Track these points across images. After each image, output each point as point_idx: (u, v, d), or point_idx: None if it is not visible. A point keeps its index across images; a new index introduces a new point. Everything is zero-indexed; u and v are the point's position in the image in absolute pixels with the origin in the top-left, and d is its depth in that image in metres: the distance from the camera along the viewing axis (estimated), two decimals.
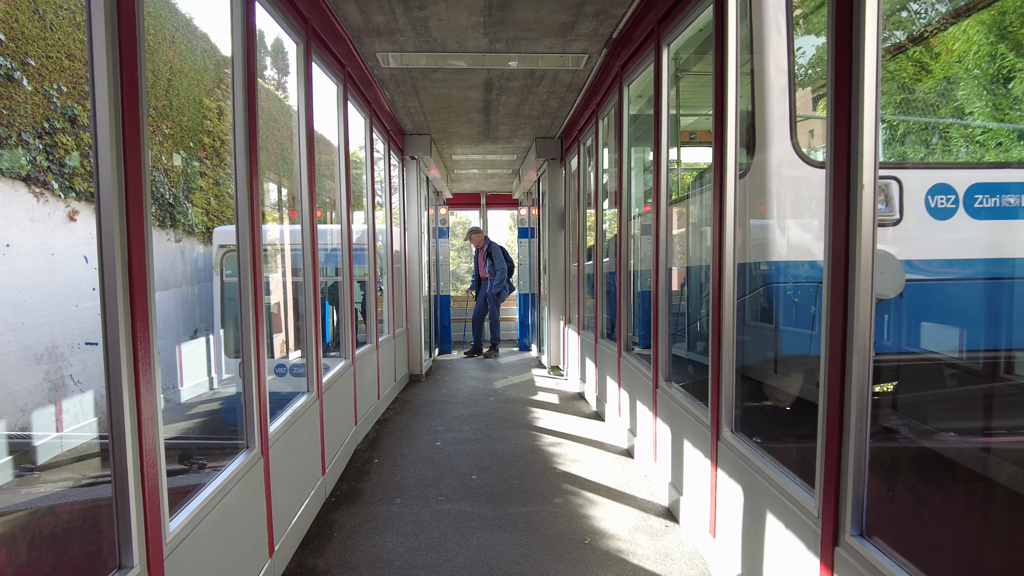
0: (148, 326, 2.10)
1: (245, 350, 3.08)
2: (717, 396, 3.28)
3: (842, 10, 2.13)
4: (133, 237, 2.01)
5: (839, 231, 2.16)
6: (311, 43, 4.28)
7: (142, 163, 2.08)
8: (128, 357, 2.00)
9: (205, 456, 4.27)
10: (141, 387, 2.05)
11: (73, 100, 7.24)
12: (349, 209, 5.26)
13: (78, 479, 3.41)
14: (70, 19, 7.25)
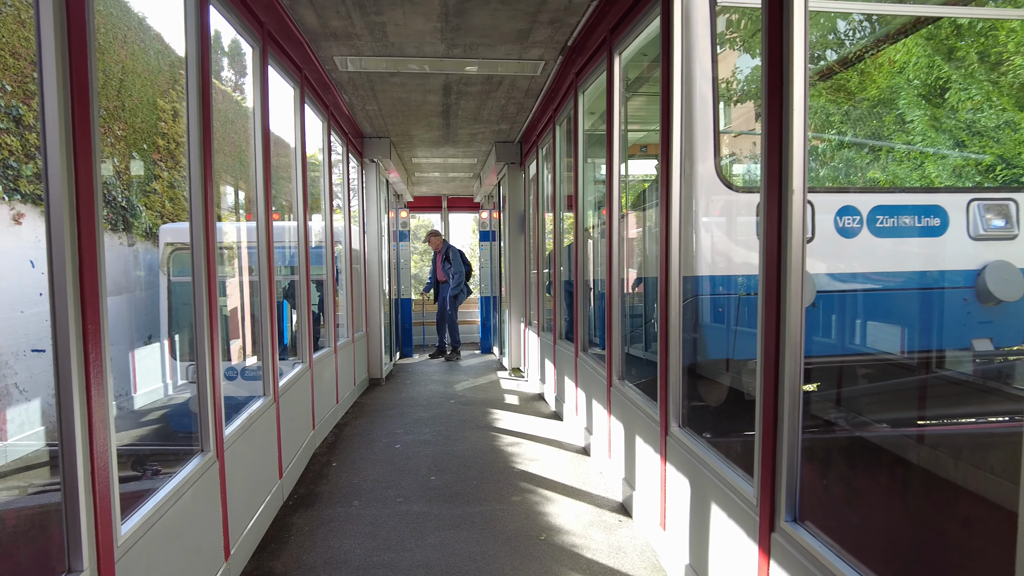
0: (100, 330, 2.10)
1: (199, 352, 3.08)
2: (665, 393, 3.40)
3: (773, 49, 2.27)
4: (84, 241, 2.02)
5: (772, 247, 2.29)
6: (267, 46, 4.28)
7: (93, 165, 2.08)
8: (79, 362, 2.00)
9: (159, 462, 4.22)
10: (92, 391, 2.05)
11: (18, 99, 7.04)
12: (306, 212, 5.26)
13: (25, 487, 3.35)
14: (14, 16, 7.05)
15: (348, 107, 7.11)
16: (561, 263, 6.82)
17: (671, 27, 3.40)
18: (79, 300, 2.01)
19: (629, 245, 5.04)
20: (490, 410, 6.97)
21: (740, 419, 4.11)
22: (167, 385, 7.96)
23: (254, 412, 3.85)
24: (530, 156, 8.40)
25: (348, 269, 7.39)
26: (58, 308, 1.97)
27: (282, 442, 4.40)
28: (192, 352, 6.59)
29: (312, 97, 5.72)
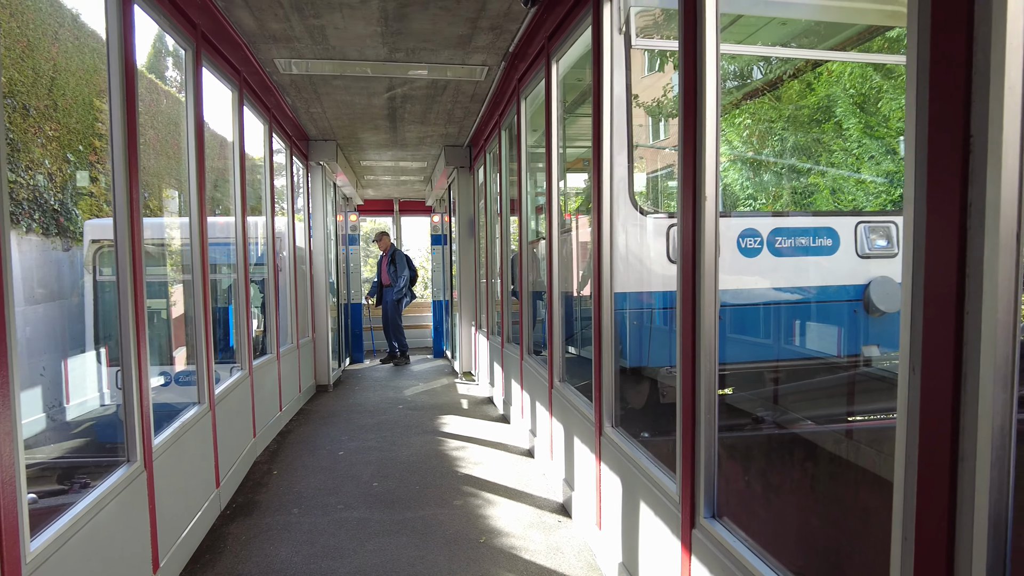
0: (6, 340, 2.04)
1: (124, 357, 3.00)
2: (599, 394, 3.47)
3: (688, 92, 2.35)
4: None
5: (688, 263, 2.37)
6: (201, 48, 4.20)
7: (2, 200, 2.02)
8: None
9: (89, 475, 4.09)
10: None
11: None
12: (244, 214, 5.17)
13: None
14: None
15: (292, 110, 7.01)
16: (507, 267, 6.86)
17: (601, 34, 3.48)
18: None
19: (582, 248, 5.19)
20: (438, 415, 6.96)
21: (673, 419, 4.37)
22: (104, 394, 7.67)
23: (187, 420, 3.76)
24: (479, 160, 8.43)
25: (292, 272, 7.28)
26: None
27: (219, 451, 4.31)
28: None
29: (252, 99, 5.63)
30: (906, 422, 1.39)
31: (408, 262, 11.02)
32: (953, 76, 1.26)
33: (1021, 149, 1.19)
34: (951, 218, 1.27)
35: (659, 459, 2.94)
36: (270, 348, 6.17)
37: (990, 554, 1.24)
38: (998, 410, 1.22)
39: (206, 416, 4.09)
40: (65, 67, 9.20)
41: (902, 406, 1.40)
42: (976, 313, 1.23)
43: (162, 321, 7.02)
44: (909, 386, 1.38)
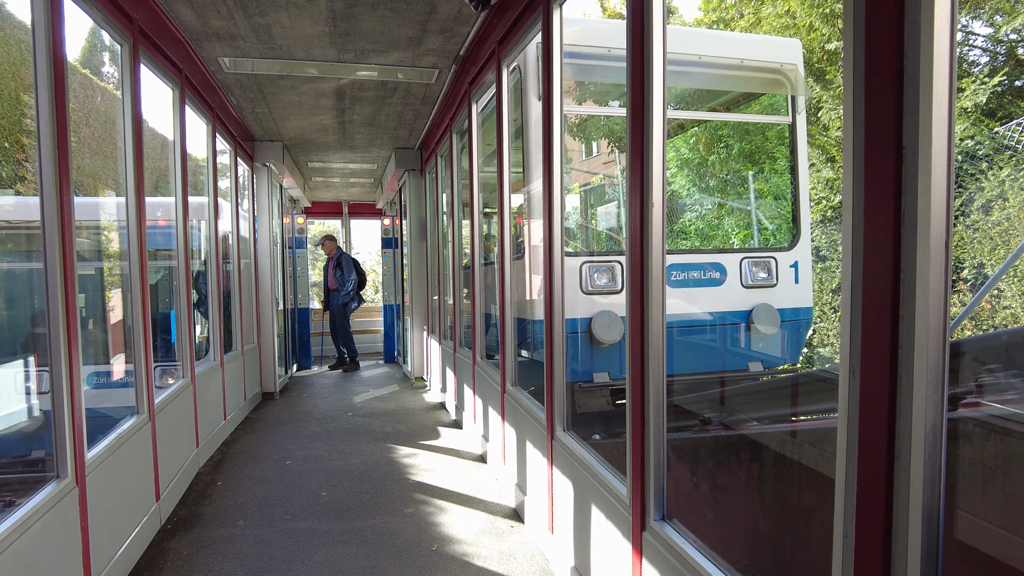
0: None
1: (54, 361, 2.85)
2: (551, 397, 3.48)
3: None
4: None
5: (636, 279, 2.40)
6: (139, 44, 4.04)
7: None
8: None
9: (12, 492, 3.87)
10: None
11: None
12: (186, 217, 5.00)
13: None
14: None
15: (236, 110, 6.82)
16: (459, 271, 6.83)
17: (551, 39, 3.49)
18: None
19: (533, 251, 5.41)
20: (389, 421, 6.87)
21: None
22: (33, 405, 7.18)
23: (124, 432, 3.60)
24: (430, 162, 8.37)
25: (236, 276, 7.07)
26: None
27: (159, 462, 4.14)
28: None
29: (194, 98, 5.44)
30: (846, 423, 1.43)
31: (356, 266, 10.85)
32: (885, 90, 1.31)
33: (948, 160, 1.25)
34: (886, 226, 1.32)
35: (609, 462, 2.96)
36: (214, 355, 5.97)
37: (924, 549, 1.29)
38: (930, 410, 1.27)
39: (145, 426, 3.93)
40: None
41: (843, 408, 1.45)
42: (910, 317, 1.28)
43: (97, 322, 6.66)
44: (849, 389, 1.42)
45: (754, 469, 3.37)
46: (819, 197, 10.52)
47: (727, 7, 13.94)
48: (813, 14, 10.28)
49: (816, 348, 9.97)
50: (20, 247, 6.38)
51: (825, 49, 10.43)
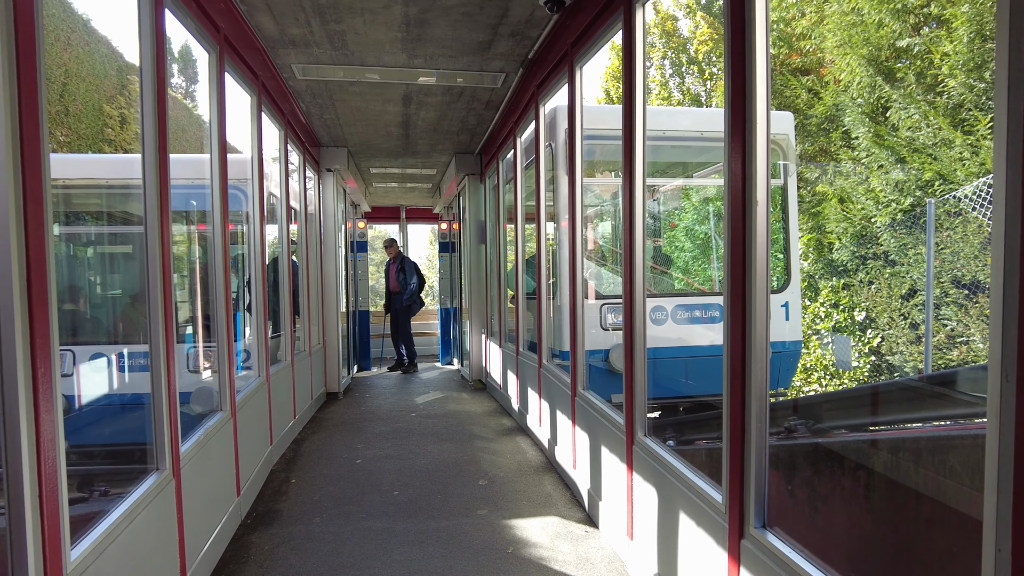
0: (49, 344, 2.00)
1: (154, 360, 2.95)
2: (631, 401, 3.43)
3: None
4: (32, 245, 1.92)
5: (738, 261, 2.34)
6: (224, 52, 4.18)
7: (42, 166, 1.99)
8: (27, 378, 1.89)
9: (107, 482, 4.03)
10: (41, 409, 1.94)
11: None
12: (263, 220, 5.13)
13: None
14: None
15: (305, 116, 7.00)
16: (524, 275, 6.83)
17: (633, 42, 3.46)
18: (27, 312, 1.91)
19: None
20: (452, 423, 6.91)
21: (705, 426, 5.41)
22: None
23: (211, 428, 3.71)
24: (491, 167, 8.41)
25: (305, 280, 7.24)
26: (3, 319, 1.87)
27: (240, 458, 4.26)
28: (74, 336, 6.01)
29: (269, 105, 5.60)
30: (998, 431, 1.35)
31: (416, 269, 10.99)
32: None
33: None
34: None
35: (698, 467, 2.89)
36: (285, 355, 6.12)
37: None
38: None
39: (228, 423, 4.04)
40: (76, 73, 9.18)
41: (993, 415, 1.37)
42: None
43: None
44: (1002, 395, 1.34)
45: (859, 478, 3.25)
46: (888, 200, 10.14)
47: (787, 6, 13.62)
48: (883, 10, 9.93)
49: (884, 356, 9.60)
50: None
51: (895, 46, 10.06)
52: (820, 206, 11.87)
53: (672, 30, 19.98)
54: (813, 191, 12.37)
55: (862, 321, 10.06)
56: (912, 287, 9.13)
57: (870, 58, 10.21)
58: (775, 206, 7.10)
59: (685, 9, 20.08)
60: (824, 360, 10.18)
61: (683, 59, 19.95)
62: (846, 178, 11.29)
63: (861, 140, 10.28)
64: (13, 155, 1.87)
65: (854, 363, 9.72)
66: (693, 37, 19.97)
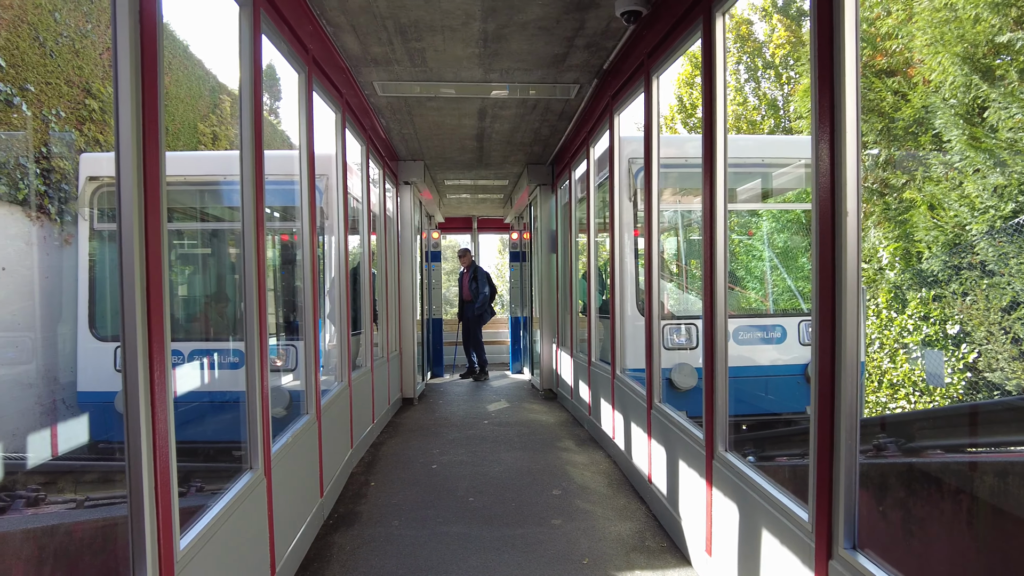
0: (164, 349, 2.16)
1: (249, 364, 3.13)
2: (711, 415, 3.37)
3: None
4: (151, 251, 2.09)
5: (825, 292, 2.28)
6: (312, 72, 4.40)
7: (160, 187, 2.17)
8: (145, 381, 2.06)
9: (201, 479, 4.28)
10: (156, 407, 2.11)
11: (71, 125, 7.31)
12: (346, 232, 5.35)
13: (80, 500, 3.45)
14: (69, 46, 7.35)
15: (385, 131, 7.24)
16: (597, 285, 6.82)
17: (713, 52, 3.42)
18: (146, 318, 2.08)
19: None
20: (524, 431, 6.95)
21: (784, 442, 5.48)
22: None
23: (298, 430, 3.89)
24: (562, 177, 8.44)
25: (384, 288, 7.47)
26: (127, 325, 2.04)
27: (323, 460, 4.44)
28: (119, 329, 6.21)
29: (352, 121, 5.84)
30: None
31: (488, 278, 11.14)
32: None
33: None
34: None
35: (780, 484, 2.82)
36: (366, 361, 6.33)
37: None
38: None
39: (313, 426, 4.22)
40: (175, 95, 9.84)
41: None
42: None
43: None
44: None
45: (960, 502, 3.07)
46: (986, 206, 9.54)
47: (871, 5, 13.06)
48: (980, 4, 9.37)
49: (982, 373, 9.01)
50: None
51: (994, 42, 9.48)
52: (908, 213, 11.29)
53: (747, 34, 19.53)
54: (900, 197, 11.81)
55: (955, 335, 9.49)
56: (1014, 299, 8.53)
57: (965, 56, 9.65)
58: None
59: (761, 12, 19.61)
60: (913, 376, 9.67)
61: (758, 63, 19.47)
62: (936, 183, 10.70)
63: (954, 143, 9.72)
64: (137, 168, 2.05)
65: (947, 379, 9.18)
66: (769, 40, 19.45)
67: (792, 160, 6.89)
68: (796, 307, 8.86)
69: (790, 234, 10.26)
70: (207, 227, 7.13)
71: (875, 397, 9.62)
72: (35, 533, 2.36)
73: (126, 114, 2.04)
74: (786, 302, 9.17)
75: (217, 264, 7.25)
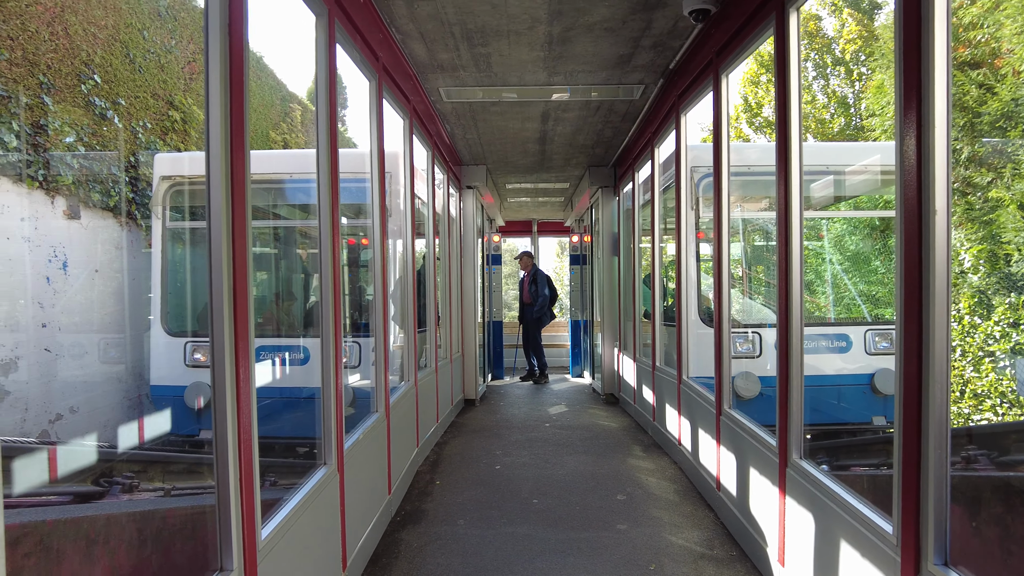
0: (248, 352, 2.26)
1: (324, 361, 3.23)
2: (785, 422, 3.27)
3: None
4: (237, 257, 2.19)
5: (912, 294, 2.19)
6: (382, 80, 4.52)
7: (246, 194, 2.27)
8: (232, 381, 2.16)
9: (274, 473, 4.44)
10: (241, 404, 2.20)
11: (156, 135, 7.74)
12: (414, 237, 5.46)
13: (168, 488, 3.65)
14: (156, 61, 7.79)
15: (450, 136, 7.35)
16: (660, 289, 6.73)
17: (787, 46, 3.33)
18: (232, 315, 2.18)
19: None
20: (586, 435, 6.91)
21: (860, 451, 5.50)
22: None
23: (369, 427, 3.99)
24: (625, 179, 8.37)
25: (447, 290, 7.58)
26: (215, 326, 2.14)
27: (391, 458, 4.53)
28: (196, 326, 6.34)
29: (419, 127, 5.96)
30: None
31: (548, 282, 11.13)
32: None
33: None
34: None
35: (860, 494, 2.71)
36: (430, 362, 6.44)
37: None
38: None
39: (382, 424, 4.32)
40: (250, 105, 10.29)
41: None
42: None
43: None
44: None
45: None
46: None
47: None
48: None
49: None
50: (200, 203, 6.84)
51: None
52: (994, 213, 10.66)
53: (815, 30, 18.88)
54: (985, 197, 11.17)
55: None
56: None
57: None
58: None
59: (830, 7, 18.92)
60: (1000, 386, 9.14)
61: (827, 60, 18.79)
62: None
63: None
64: (224, 173, 2.15)
65: None
66: (839, 36, 18.76)
67: (853, 165, 6.80)
68: (860, 316, 8.61)
69: (857, 239, 9.96)
70: (275, 225, 7.30)
71: (957, 408, 9.13)
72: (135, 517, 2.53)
73: (216, 122, 2.14)
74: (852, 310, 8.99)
75: (285, 262, 7.47)
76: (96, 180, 6.70)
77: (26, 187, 5.87)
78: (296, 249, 7.43)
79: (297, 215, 7.23)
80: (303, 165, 6.37)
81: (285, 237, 7.41)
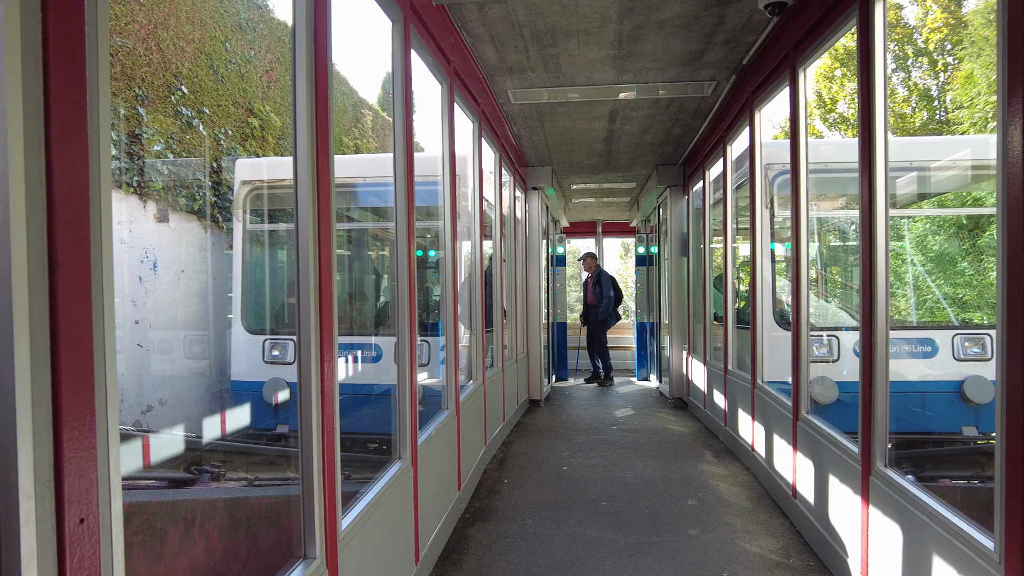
0: (332, 349, 2.34)
1: (400, 359, 3.31)
2: (869, 428, 3.14)
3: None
4: (323, 257, 2.28)
5: (1016, 305, 2.06)
6: (453, 83, 4.59)
7: (330, 197, 2.35)
8: (317, 377, 2.24)
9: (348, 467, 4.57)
10: (326, 398, 2.29)
11: (236, 142, 8.11)
12: (481, 239, 5.52)
13: (251, 479, 3.83)
14: (236, 71, 8.17)
15: (516, 138, 7.40)
16: (734, 291, 6.56)
17: (872, 38, 3.19)
18: (318, 314, 2.26)
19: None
20: (654, 439, 6.81)
21: (949, 460, 5.47)
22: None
23: (440, 424, 4.06)
24: (695, 178, 8.21)
25: (513, 291, 7.63)
26: (302, 324, 2.23)
27: (461, 455, 4.60)
28: (274, 324, 6.52)
29: (488, 130, 6.02)
30: None
31: (613, 283, 11.02)
32: None
33: None
34: None
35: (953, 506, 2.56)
36: (496, 362, 6.49)
37: None
38: None
39: (452, 421, 4.39)
40: None
41: None
42: None
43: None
44: None
45: None
46: None
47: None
48: None
49: None
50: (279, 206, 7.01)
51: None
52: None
53: (895, 20, 17.99)
54: None
55: None
56: None
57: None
58: None
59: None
60: None
61: (908, 51, 17.87)
62: None
63: None
64: (312, 191, 2.24)
65: None
66: (922, 25, 17.81)
67: (939, 160, 6.55)
68: (945, 320, 8.26)
69: (942, 239, 9.44)
70: (348, 227, 7.53)
71: None
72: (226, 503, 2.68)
73: (303, 131, 2.23)
74: (935, 314, 8.56)
75: (358, 263, 7.71)
76: (183, 185, 7.09)
77: (123, 193, 6.27)
78: (368, 251, 7.65)
79: (369, 218, 7.43)
80: (374, 169, 6.55)
81: (358, 239, 7.63)
